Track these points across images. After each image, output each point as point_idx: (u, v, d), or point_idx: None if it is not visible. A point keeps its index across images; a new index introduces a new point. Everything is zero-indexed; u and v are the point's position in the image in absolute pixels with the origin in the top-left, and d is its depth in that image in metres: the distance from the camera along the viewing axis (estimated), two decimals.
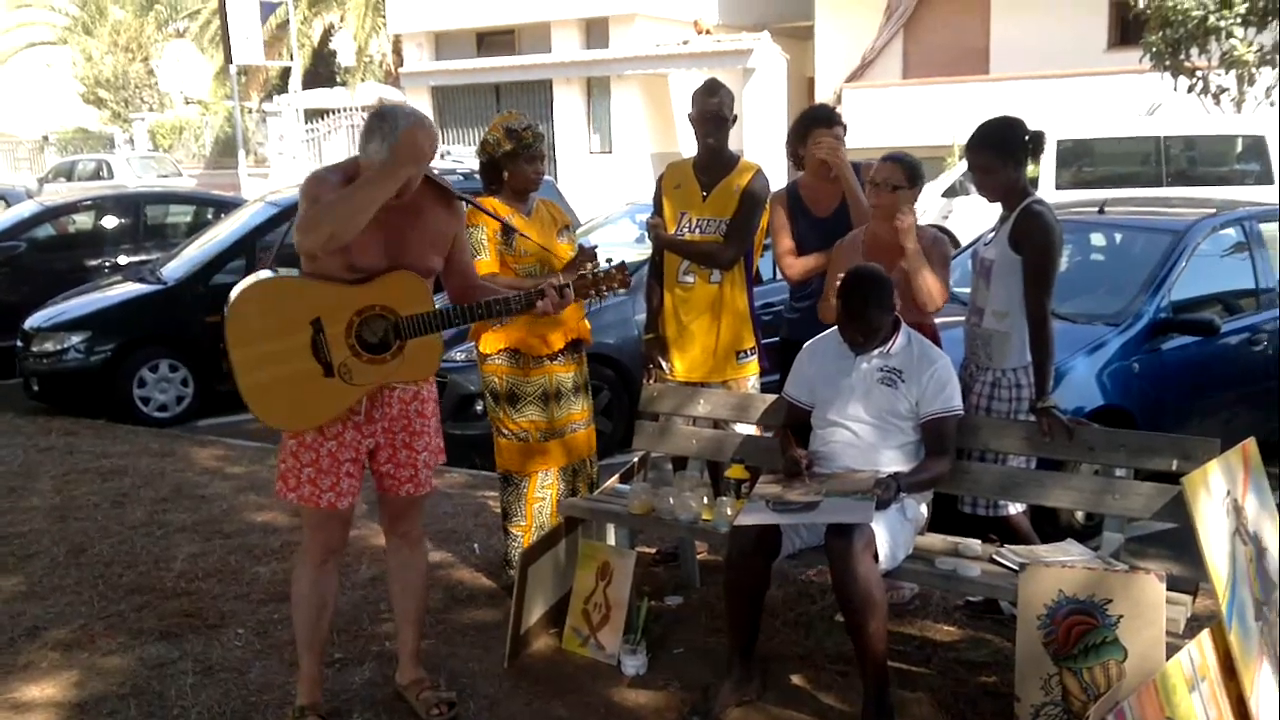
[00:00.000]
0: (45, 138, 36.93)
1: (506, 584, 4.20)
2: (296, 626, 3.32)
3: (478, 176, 4.42)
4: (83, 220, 10.39)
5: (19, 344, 8.00)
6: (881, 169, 3.93)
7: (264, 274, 3.34)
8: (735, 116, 4.34)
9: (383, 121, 2.95)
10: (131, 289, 8.25)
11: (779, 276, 4.69)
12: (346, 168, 3.07)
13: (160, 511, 5.39)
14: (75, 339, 7.68)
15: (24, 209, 10.52)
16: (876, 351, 3.57)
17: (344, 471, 3.14)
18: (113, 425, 7.38)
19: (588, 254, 4.01)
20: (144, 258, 9.59)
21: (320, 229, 2.91)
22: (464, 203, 3.35)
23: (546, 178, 4.89)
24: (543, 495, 4.21)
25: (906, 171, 3.91)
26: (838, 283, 3.67)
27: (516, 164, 4.07)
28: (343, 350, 3.03)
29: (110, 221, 10.23)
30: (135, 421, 7.56)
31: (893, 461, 3.51)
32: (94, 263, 9.77)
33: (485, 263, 3.98)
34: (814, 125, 4.34)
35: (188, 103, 37.49)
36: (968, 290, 4.01)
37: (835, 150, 4.24)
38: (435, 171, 3.24)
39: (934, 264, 3.92)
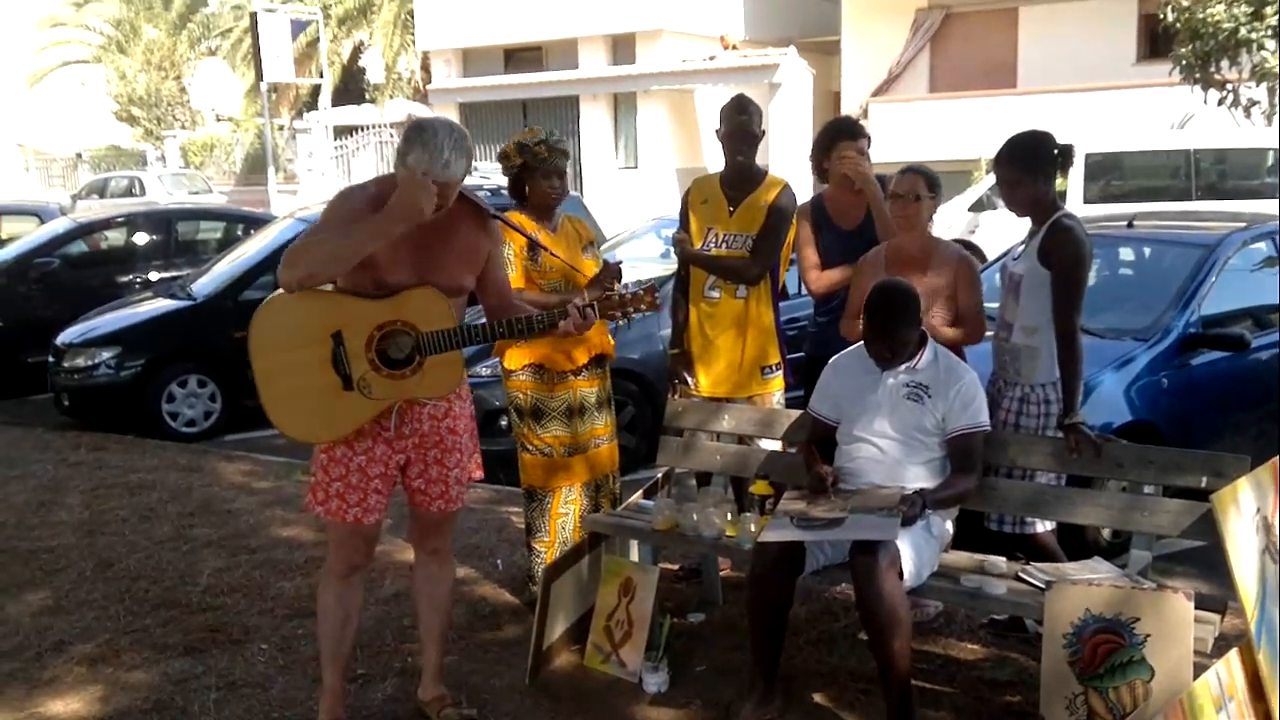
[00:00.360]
0: (78, 155, 37.44)
1: (529, 600, 4.19)
2: (320, 640, 3.33)
3: (504, 192, 4.45)
4: (115, 237, 10.51)
5: (50, 359, 8.09)
6: (902, 181, 3.93)
7: None
8: (764, 132, 4.34)
9: (422, 132, 2.94)
10: (161, 305, 8.33)
11: (804, 291, 4.67)
12: (378, 186, 3.06)
13: (187, 526, 5.42)
14: (106, 354, 7.76)
15: (57, 225, 10.65)
16: (903, 367, 3.55)
17: (372, 488, 3.14)
18: (141, 440, 7.44)
19: (612, 270, 4.00)
20: (175, 274, 9.69)
21: (299, 267, 2.94)
22: (498, 221, 3.34)
23: (573, 193, 4.90)
24: (566, 511, 4.21)
25: (927, 181, 3.91)
26: (861, 299, 3.66)
27: (534, 179, 4.08)
28: (362, 364, 3.03)
29: (141, 238, 10.35)
30: (164, 436, 7.62)
31: (918, 478, 3.49)
32: (125, 279, 9.87)
33: (511, 278, 3.99)
34: (838, 137, 4.33)
35: (219, 120, 37.92)
36: (996, 305, 3.98)
37: (858, 164, 4.23)
38: (471, 189, 3.25)
39: (962, 285, 3.91)
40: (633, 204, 19.31)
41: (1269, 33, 14.00)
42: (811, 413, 3.79)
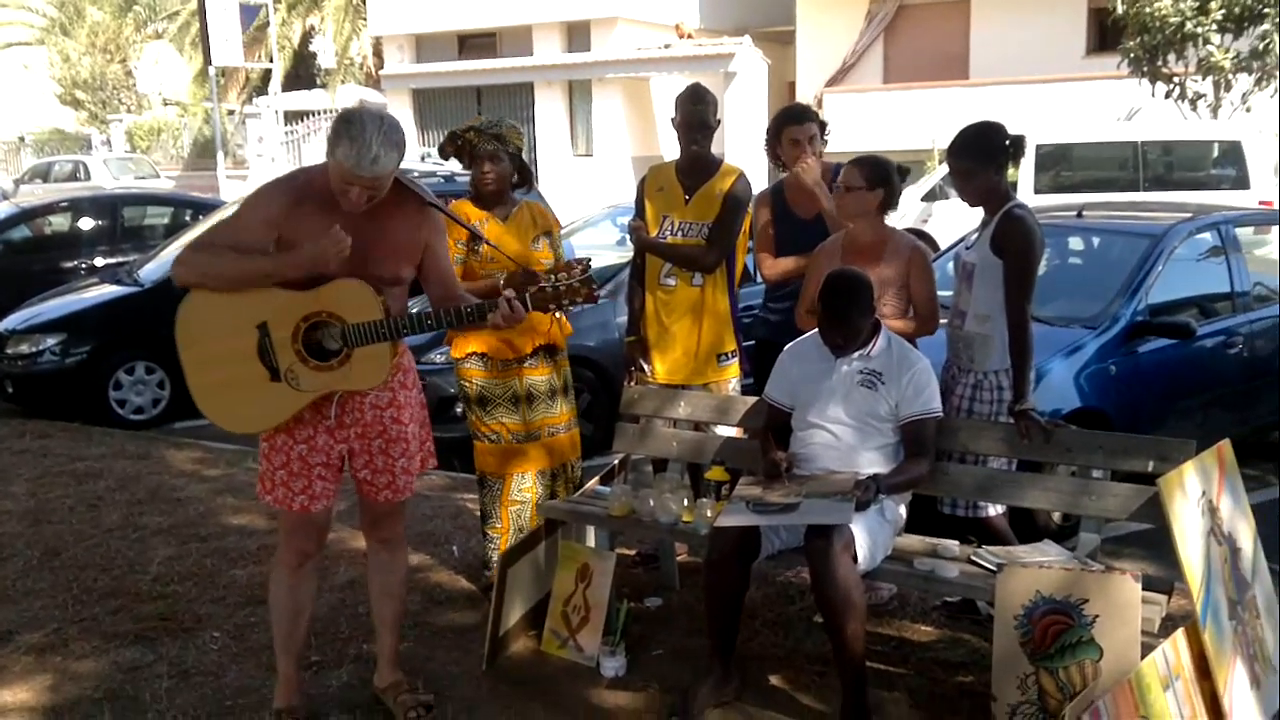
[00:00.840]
0: (21, 139, 36.66)
1: (485, 586, 4.19)
2: (274, 630, 3.31)
3: (458, 179, 4.43)
4: (59, 222, 10.31)
5: None
6: (845, 173, 3.96)
7: None
8: (719, 121, 4.35)
9: (349, 126, 2.85)
10: (108, 291, 8.19)
11: (760, 279, 4.70)
12: (306, 176, 3.02)
13: (136, 514, 5.35)
14: (51, 341, 7.61)
15: None
16: (857, 354, 3.58)
17: (315, 475, 3.12)
18: (88, 428, 7.32)
19: (573, 265, 3.96)
20: (121, 259, 9.51)
21: (193, 272, 2.98)
22: (444, 212, 3.26)
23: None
24: (521, 498, 4.20)
25: (864, 172, 3.92)
26: (817, 289, 3.69)
27: (471, 167, 4.07)
28: (289, 355, 2.99)
29: (87, 223, 10.16)
30: (111, 424, 7.50)
31: (872, 463, 3.52)
32: (70, 264, 9.69)
33: None
34: (786, 123, 4.37)
35: (166, 104, 37.26)
36: (950, 293, 4.03)
37: (811, 171, 4.26)
38: (411, 175, 3.22)
39: (915, 275, 3.95)
40: (588, 192, 19.25)
41: (1214, 27, 14.27)
42: (767, 399, 3.81)
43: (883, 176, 3.94)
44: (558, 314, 3.12)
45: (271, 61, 26.72)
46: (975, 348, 3.77)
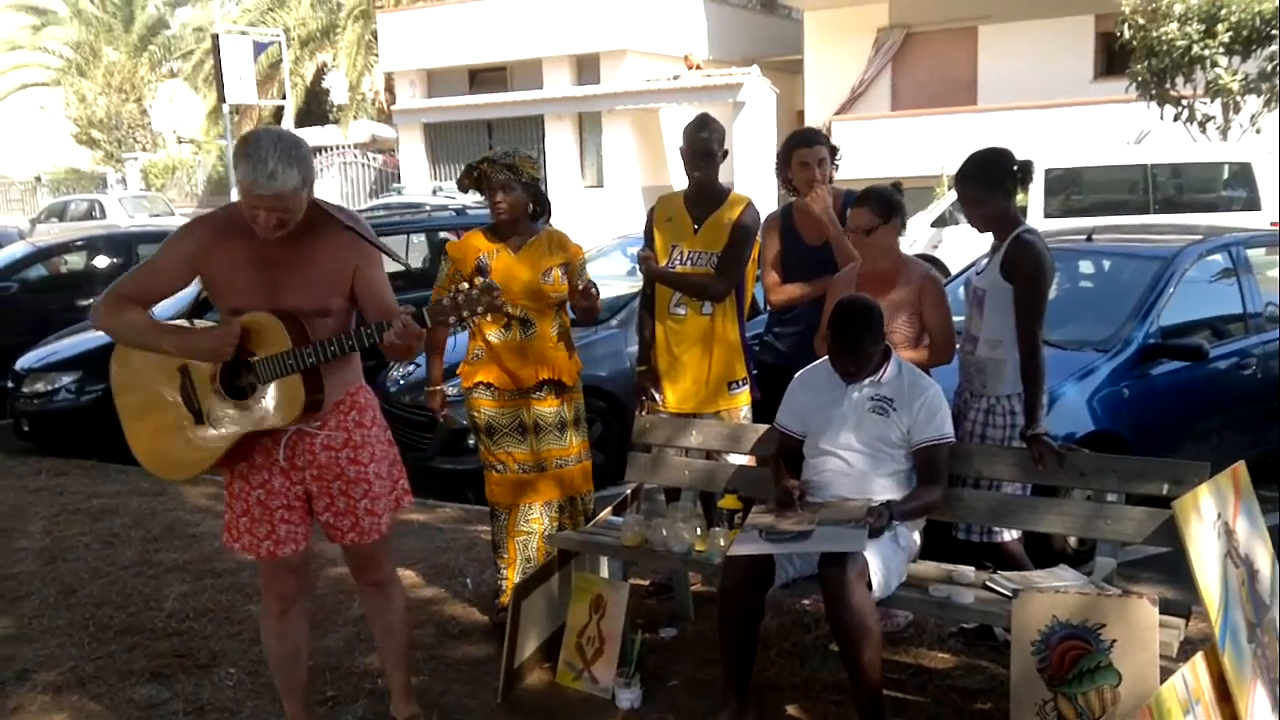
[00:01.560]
0: (38, 178, 37.05)
1: (499, 619, 4.17)
2: (274, 677, 3.31)
3: (469, 211, 4.46)
4: (75, 260, 10.40)
5: (10, 384, 7.98)
6: (855, 216, 3.97)
7: None
8: (726, 151, 4.37)
9: (246, 144, 2.77)
10: None
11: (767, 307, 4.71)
12: (228, 213, 2.97)
13: (151, 551, 5.36)
14: (66, 379, 7.65)
15: (16, 249, 10.53)
16: (868, 380, 3.58)
17: (279, 519, 3.06)
18: (104, 465, 7.34)
19: (584, 291, 4.03)
20: None
21: (108, 324, 3.00)
22: (358, 234, 3.04)
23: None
24: (528, 529, 4.19)
25: (878, 209, 3.94)
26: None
27: (486, 197, 4.13)
28: (209, 397, 2.97)
29: (102, 261, 10.24)
30: (126, 462, 7.48)
31: (885, 490, 3.51)
32: (86, 303, 9.71)
33: None
34: (796, 147, 4.39)
35: (180, 142, 37.67)
36: (961, 319, 4.03)
37: (823, 203, 4.28)
38: (423, 209, 3.22)
39: (927, 302, 3.95)
40: (598, 223, 19.34)
41: (1221, 50, 14.29)
42: (778, 427, 3.81)
43: (892, 205, 3.96)
44: (461, 327, 2.94)
45: (285, 98, 26.99)
46: (987, 373, 3.77)
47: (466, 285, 2.84)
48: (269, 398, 2.93)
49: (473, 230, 4.26)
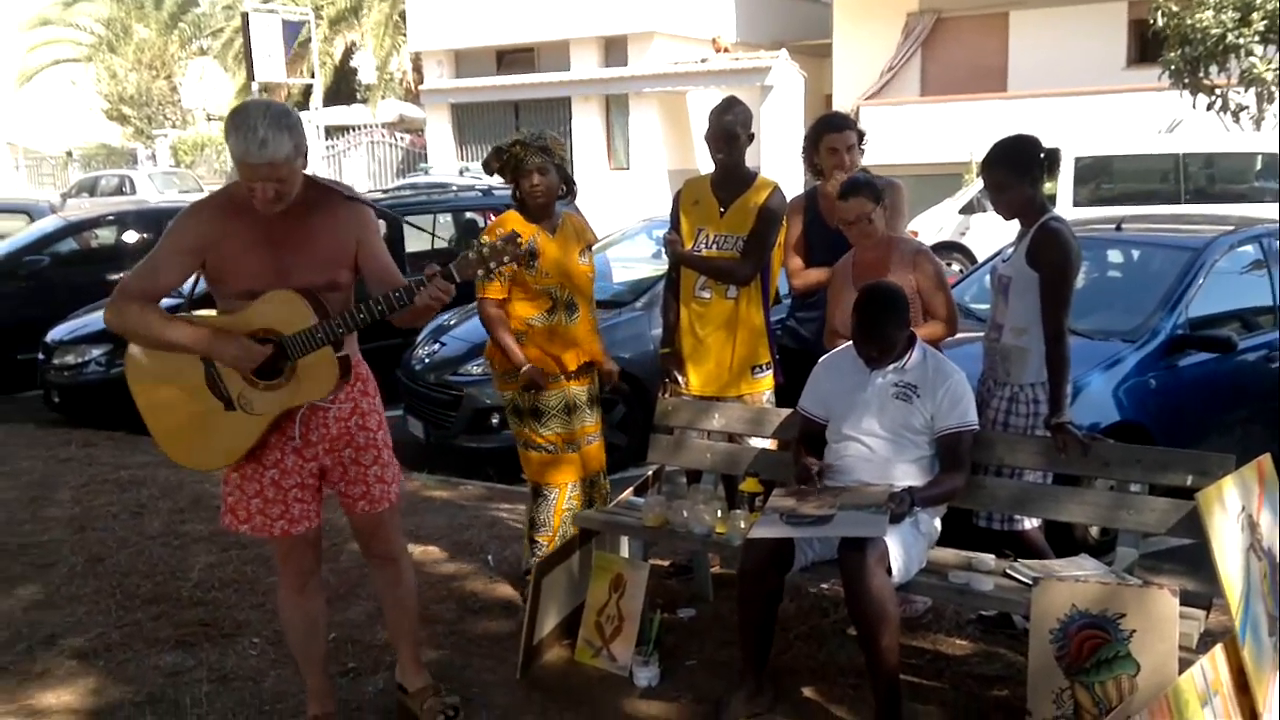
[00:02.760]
0: (69, 153, 37.34)
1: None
2: (292, 648, 3.33)
3: (495, 192, 4.47)
4: (105, 235, 10.48)
5: (40, 356, 8.08)
6: (847, 209, 3.96)
7: None
8: (753, 134, 4.36)
9: (235, 115, 2.76)
10: None
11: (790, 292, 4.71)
12: (227, 197, 2.94)
13: (178, 522, 5.43)
14: (96, 352, 7.75)
15: (47, 224, 10.62)
16: (891, 367, 3.58)
17: (292, 498, 3.06)
18: (132, 437, 7.40)
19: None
20: None
21: (122, 322, 2.93)
22: (364, 204, 3.09)
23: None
24: (570, 506, 4.25)
25: (870, 195, 3.95)
26: (836, 309, 3.69)
27: (518, 180, 4.11)
28: (237, 381, 2.94)
29: (132, 236, 10.31)
30: None
31: (907, 475, 3.51)
32: (115, 277, 9.77)
33: (495, 287, 4.03)
34: (825, 131, 4.40)
35: (210, 119, 37.82)
36: (987, 306, 4.02)
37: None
38: (449, 189, 3.22)
39: (921, 276, 3.95)
40: (624, 205, 19.33)
41: (1256, 38, 14.10)
42: (801, 411, 3.82)
43: (877, 188, 3.99)
44: (489, 276, 2.96)
45: (313, 77, 27.04)
46: (1012, 360, 3.76)
47: (487, 238, 2.83)
48: (301, 374, 2.92)
49: (507, 213, 4.25)
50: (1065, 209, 11.18)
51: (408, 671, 3.44)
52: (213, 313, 3.02)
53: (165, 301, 3.00)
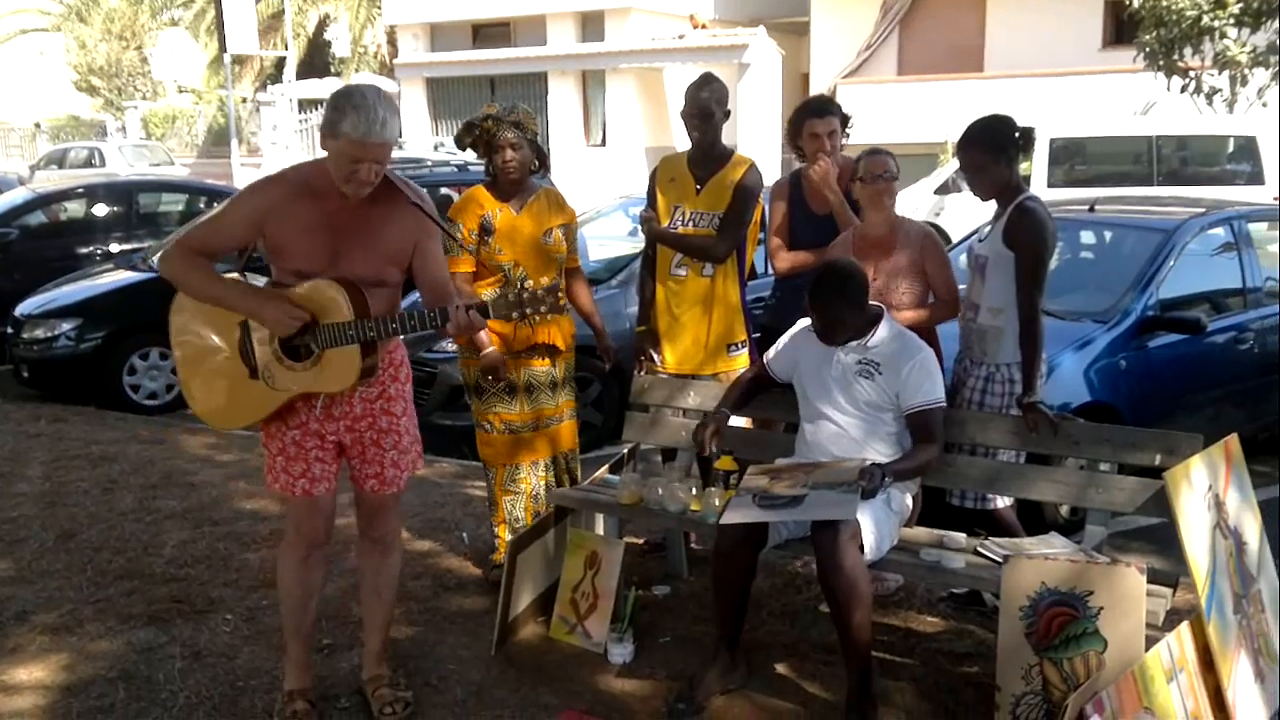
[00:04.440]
0: (37, 125, 36.79)
1: (493, 577, 4.19)
2: (283, 616, 3.32)
3: (471, 169, 4.43)
4: (74, 208, 10.35)
5: (9, 330, 7.99)
6: (874, 163, 3.97)
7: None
8: (729, 111, 4.35)
9: (350, 97, 2.80)
10: (123, 277, 8.23)
11: (770, 271, 4.71)
12: (295, 174, 2.99)
13: (150, 498, 5.40)
14: (66, 326, 7.67)
15: (15, 196, 10.48)
16: (854, 344, 3.59)
17: (313, 458, 3.12)
18: (103, 412, 7.38)
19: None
20: (136, 246, 9.57)
21: (176, 272, 2.99)
22: (433, 221, 3.13)
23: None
24: (515, 489, 4.22)
25: (893, 160, 4.02)
26: None
27: (490, 155, 4.07)
28: (266, 354, 3.01)
29: (102, 209, 10.20)
30: (125, 409, 7.55)
31: (881, 452, 3.54)
32: (85, 250, 9.73)
33: (458, 261, 4.02)
34: (808, 117, 4.37)
35: (181, 91, 37.41)
36: (964, 286, 4.04)
37: (825, 175, 4.27)
38: (424, 164, 3.22)
39: (930, 260, 3.98)
40: (601, 182, 19.28)
41: (1230, 21, 14.18)
42: (764, 363, 3.85)
43: (897, 163, 4.00)
44: (523, 322, 3.00)
45: (286, 49, 26.78)
46: (988, 340, 3.78)
47: (529, 283, 2.94)
48: (324, 364, 2.97)
49: (474, 187, 4.23)
50: (1040, 190, 11.23)
51: (369, 658, 3.43)
52: (263, 281, 3.10)
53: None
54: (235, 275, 3.07)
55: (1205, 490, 3.09)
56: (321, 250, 2.94)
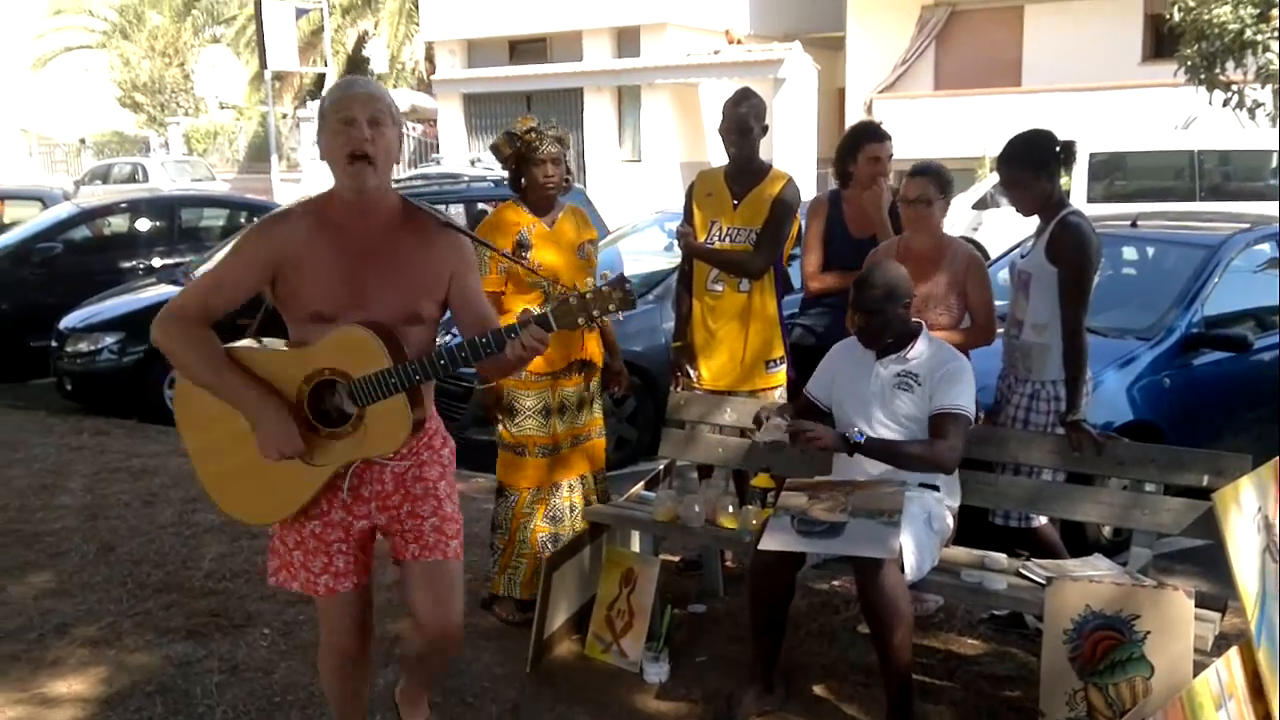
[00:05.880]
0: (82, 141, 37.40)
1: (485, 602, 4.17)
2: (330, 705, 3.07)
3: (506, 184, 4.41)
4: (118, 223, 10.50)
5: (53, 344, 8.10)
6: (912, 185, 3.93)
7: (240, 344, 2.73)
8: (766, 126, 4.33)
9: (327, 91, 2.59)
10: (165, 291, 8.32)
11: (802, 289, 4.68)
12: (304, 210, 2.63)
13: (189, 512, 5.44)
14: (109, 340, 7.77)
15: (60, 211, 10.64)
16: (894, 356, 3.56)
17: (335, 550, 2.71)
18: (144, 426, 7.45)
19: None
20: (178, 260, 9.70)
21: (167, 342, 2.62)
22: (465, 235, 2.77)
23: (576, 185, 4.84)
24: (529, 512, 4.10)
25: (936, 183, 3.92)
26: None
27: (528, 169, 3.95)
28: (297, 426, 2.58)
29: (145, 224, 10.34)
30: (166, 422, 7.61)
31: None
32: (128, 264, 9.87)
33: (492, 279, 3.90)
34: (864, 140, 4.36)
35: (222, 107, 37.87)
36: (1006, 303, 4.00)
37: (877, 199, 4.24)
38: (461, 179, 3.12)
39: (972, 284, 3.93)
40: (636, 197, 19.31)
41: (1274, 34, 13.98)
42: (806, 394, 3.81)
43: (948, 181, 3.97)
44: (592, 326, 2.63)
45: (326, 65, 27.05)
46: (1033, 357, 3.74)
47: (591, 281, 2.58)
48: (370, 422, 2.56)
49: (503, 204, 4.14)
50: (1079, 205, 11.09)
51: (409, 703, 3.12)
52: (281, 343, 2.69)
53: None
54: (250, 342, 2.70)
55: (1255, 512, 3.03)
56: (347, 287, 2.56)
